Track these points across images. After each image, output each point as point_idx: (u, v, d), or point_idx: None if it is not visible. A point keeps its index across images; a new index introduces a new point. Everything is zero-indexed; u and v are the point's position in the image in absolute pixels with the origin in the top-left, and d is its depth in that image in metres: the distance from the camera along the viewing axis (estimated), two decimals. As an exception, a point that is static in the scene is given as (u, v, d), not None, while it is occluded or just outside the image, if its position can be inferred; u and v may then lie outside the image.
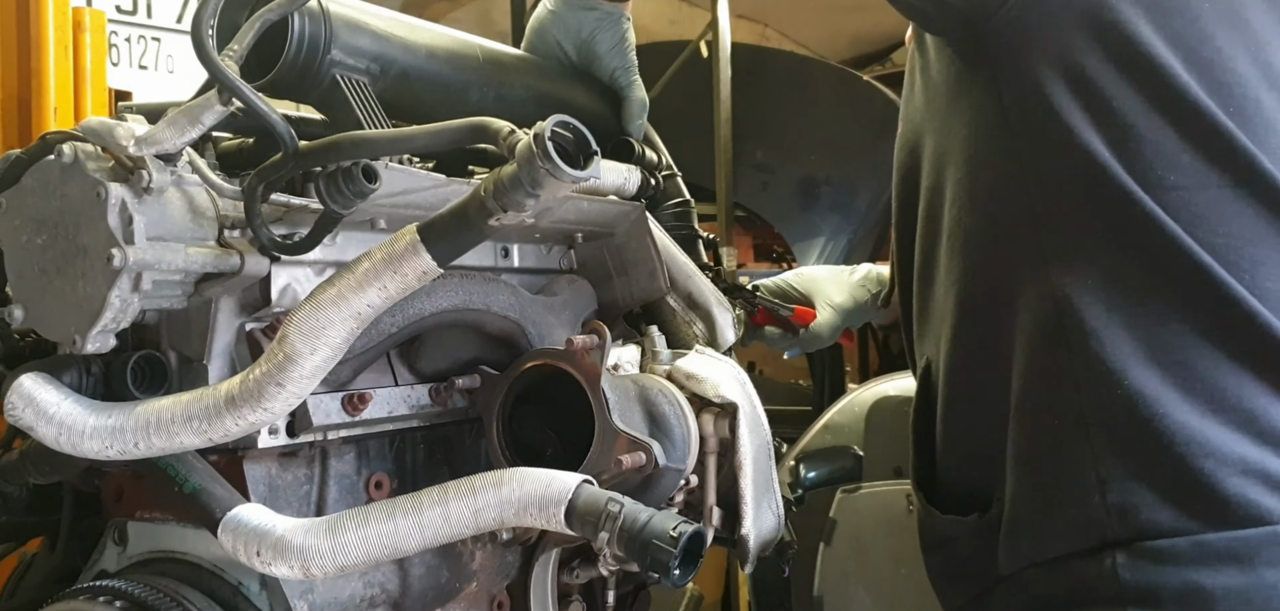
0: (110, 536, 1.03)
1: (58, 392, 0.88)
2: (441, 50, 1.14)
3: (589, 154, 0.81)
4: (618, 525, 0.84)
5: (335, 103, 1.00)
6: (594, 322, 1.05)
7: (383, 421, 1.03)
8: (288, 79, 0.98)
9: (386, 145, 0.88)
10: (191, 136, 0.85)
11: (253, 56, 0.95)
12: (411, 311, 1.02)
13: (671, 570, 0.83)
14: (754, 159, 3.63)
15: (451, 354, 1.09)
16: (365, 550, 0.86)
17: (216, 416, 0.85)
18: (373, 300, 0.84)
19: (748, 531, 1.13)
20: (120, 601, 0.92)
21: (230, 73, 0.82)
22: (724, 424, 1.13)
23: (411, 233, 0.84)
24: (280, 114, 0.86)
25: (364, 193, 0.86)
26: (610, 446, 1.00)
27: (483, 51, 1.19)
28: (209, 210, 0.90)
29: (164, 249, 0.86)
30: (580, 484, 0.86)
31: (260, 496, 0.95)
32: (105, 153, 0.87)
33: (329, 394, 0.97)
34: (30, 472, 1.00)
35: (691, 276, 1.26)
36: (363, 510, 0.88)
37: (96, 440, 0.87)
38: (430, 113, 1.09)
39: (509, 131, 0.82)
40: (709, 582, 3.15)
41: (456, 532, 0.88)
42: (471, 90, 1.16)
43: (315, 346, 0.84)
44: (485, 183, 0.82)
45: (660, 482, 1.07)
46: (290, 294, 0.95)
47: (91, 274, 0.86)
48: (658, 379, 1.14)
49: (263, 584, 0.96)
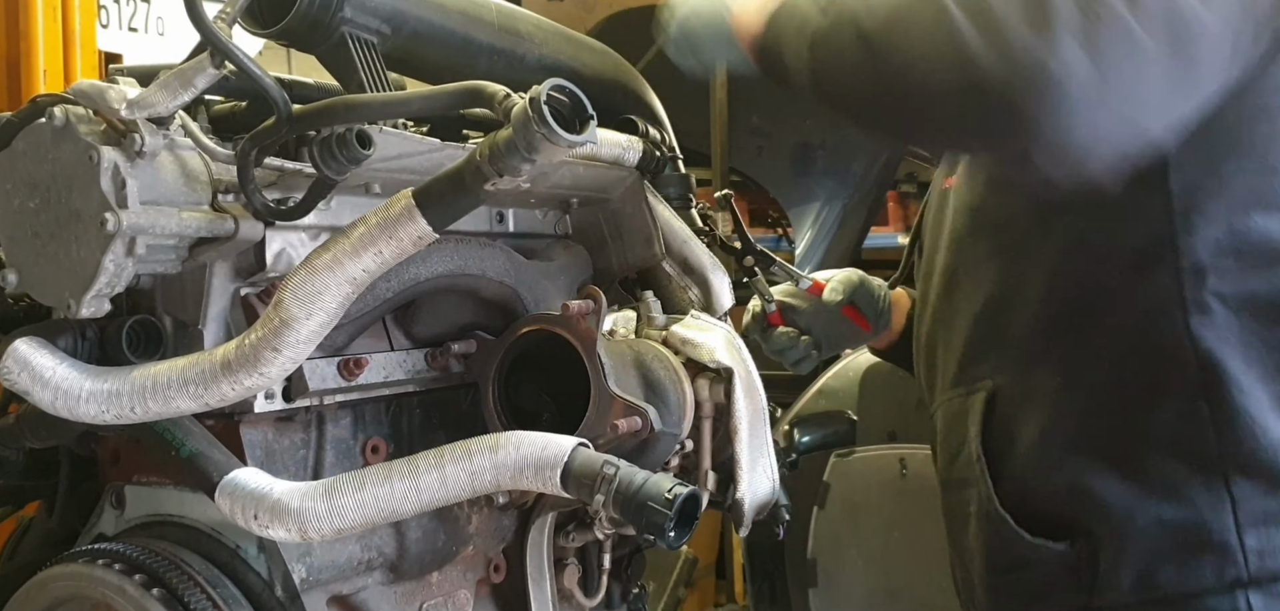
0: (108, 500, 1.03)
1: (53, 357, 0.88)
2: (455, 12, 1.13)
3: (585, 119, 0.81)
4: (613, 488, 0.84)
5: (341, 60, 0.99)
6: (590, 288, 1.05)
7: (379, 386, 1.03)
8: (299, 29, 0.97)
9: (381, 109, 0.87)
10: (184, 100, 0.85)
11: (266, 4, 0.94)
12: (407, 276, 1.01)
13: (666, 532, 0.83)
14: (750, 124, 3.61)
15: (447, 319, 1.09)
16: (362, 513, 0.87)
17: (213, 381, 0.85)
18: (368, 265, 0.84)
19: (743, 495, 1.14)
20: (119, 564, 0.92)
21: (223, 35, 0.82)
22: (719, 388, 1.13)
23: (407, 197, 0.84)
24: (273, 78, 0.86)
25: (358, 158, 0.85)
26: (606, 411, 1.01)
27: (497, 14, 1.18)
28: (202, 174, 0.90)
29: (157, 213, 0.85)
30: (576, 447, 0.86)
31: (257, 460, 0.96)
32: (97, 116, 0.87)
33: (325, 359, 0.97)
34: (27, 436, 1.00)
35: (687, 241, 1.26)
36: (359, 473, 0.89)
37: (93, 404, 0.87)
38: (440, 75, 1.08)
39: (504, 95, 0.81)
40: (703, 546, 3.17)
41: (453, 495, 0.88)
42: (483, 55, 1.15)
43: (311, 311, 0.84)
44: (481, 147, 0.82)
45: (656, 447, 1.08)
46: (285, 258, 0.94)
47: (85, 238, 0.85)
48: (653, 344, 1.14)
49: (260, 547, 0.96)
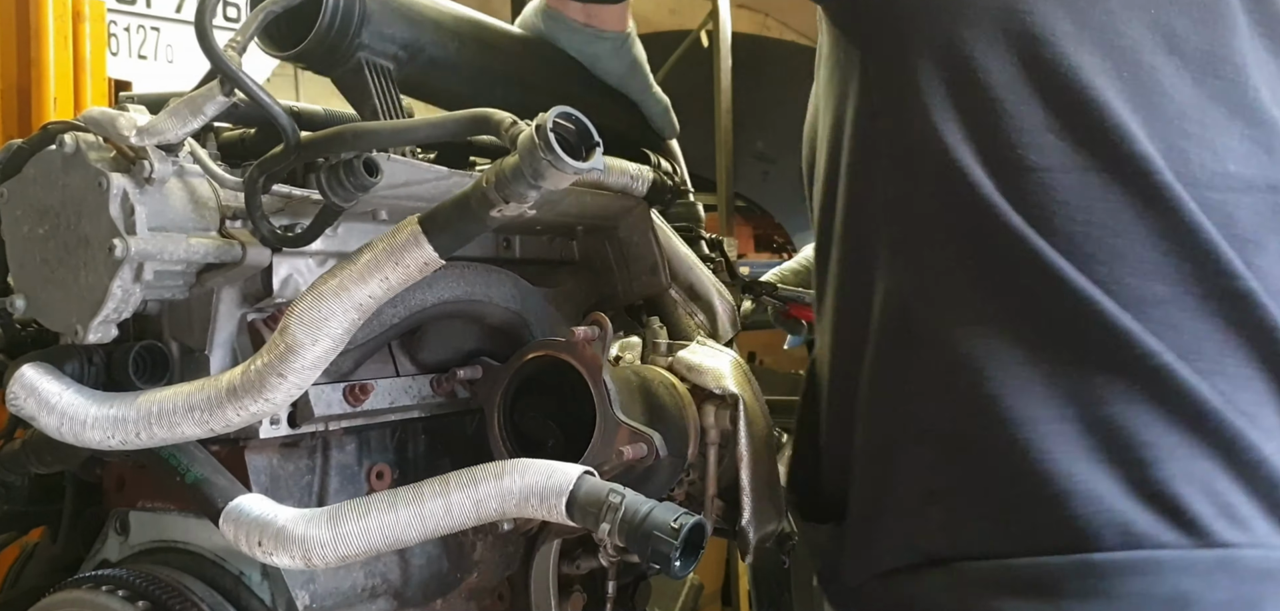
0: (112, 526, 1.03)
1: (60, 383, 0.88)
2: (472, 41, 1.13)
3: (591, 145, 0.81)
4: (619, 516, 0.84)
5: (356, 86, 1.00)
6: (596, 314, 1.05)
7: (384, 412, 1.03)
8: (315, 53, 0.98)
9: (388, 137, 0.87)
10: (193, 127, 0.85)
11: (284, 26, 0.95)
12: (413, 302, 1.02)
13: (673, 561, 0.83)
14: (754, 149, 3.63)
15: (453, 345, 1.09)
16: (367, 540, 0.87)
17: (218, 407, 0.85)
18: (375, 291, 0.84)
19: (748, 523, 1.13)
20: (123, 590, 0.92)
21: (232, 63, 0.82)
22: (725, 415, 1.13)
23: (413, 224, 0.84)
24: (282, 106, 0.86)
25: (365, 186, 0.86)
26: (612, 437, 1.00)
27: (516, 43, 1.19)
28: (211, 200, 0.90)
29: (166, 239, 0.86)
30: (581, 475, 0.86)
31: (262, 486, 0.96)
32: (107, 143, 0.87)
33: (330, 384, 0.97)
34: (32, 462, 1.00)
35: (692, 268, 1.26)
36: (364, 500, 0.88)
37: (99, 430, 0.87)
38: (455, 103, 1.09)
39: (511, 122, 0.82)
40: (709, 572, 3.15)
41: (458, 523, 0.88)
42: (498, 85, 1.16)
43: (317, 337, 0.84)
44: (487, 174, 0.82)
45: (662, 474, 1.08)
46: (292, 285, 0.95)
47: (93, 264, 0.86)
48: (659, 371, 1.14)
49: (264, 573, 0.96)
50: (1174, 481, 0.78)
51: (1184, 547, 0.76)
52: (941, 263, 0.88)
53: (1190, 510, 0.77)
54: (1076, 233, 0.83)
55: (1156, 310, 0.81)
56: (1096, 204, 0.83)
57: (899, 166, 0.91)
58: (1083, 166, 0.84)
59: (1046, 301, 0.83)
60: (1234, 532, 0.77)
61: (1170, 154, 0.84)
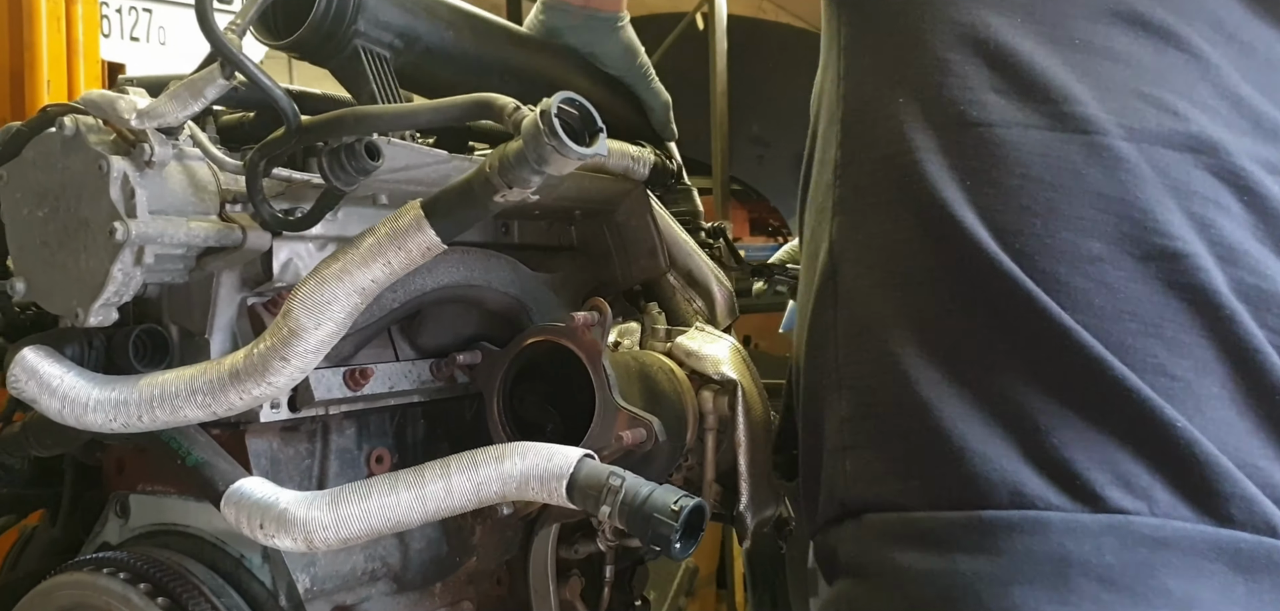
0: (112, 509, 1.03)
1: (60, 365, 0.88)
2: (469, 32, 1.13)
3: (594, 131, 0.81)
4: (619, 499, 0.84)
5: (352, 73, 0.99)
6: (595, 299, 1.05)
7: (384, 396, 1.03)
8: (311, 41, 0.97)
9: (390, 121, 0.87)
10: (194, 110, 0.85)
11: (280, 14, 0.94)
12: (413, 287, 1.02)
13: (673, 544, 0.83)
14: (750, 132, 3.63)
15: (452, 329, 1.10)
16: (368, 522, 0.87)
17: (221, 390, 0.85)
18: (377, 276, 0.85)
19: (746, 508, 1.14)
20: (123, 573, 0.92)
21: (233, 46, 0.82)
22: (723, 401, 1.13)
23: (415, 208, 0.84)
24: (283, 89, 0.86)
25: (367, 169, 0.86)
26: (611, 422, 1.01)
27: (513, 36, 1.19)
28: (211, 184, 0.90)
29: (166, 222, 0.86)
30: (582, 458, 0.87)
31: (262, 470, 0.96)
32: (107, 126, 0.87)
33: (331, 369, 0.98)
34: (32, 445, 1.00)
35: (691, 254, 1.26)
36: (365, 483, 0.89)
37: (100, 413, 0.87)
38: (451, 93, 1.09)
39: (514, 108, 0.82)
40: (704, 556, 3.17)
41: (458, 506, 0.89)
42: (494, 74, 1.15)
43: (319, 321, 0.84)
44: (490, 159, 0.82)
45: (660, 459, 1.08)
46: (292, 269, 0.95)
47: (93, 247, 0.86)
48: (658, 356, 1.15)
49: (265, 556, 0.96)
50: (1066, 447, 0.78)
51: (1072, 511, 0.77)
52: (869, 222, 0.89)
53: (1082, 476, 0.77)
54: (1013, 185, 0.82)
55: (1092, 267, 0.80)
56: (1035, 158, 0.83)
57: (849, 129, 0.93)
58: (1024, 123, 0.84)
59: (958, 268, 0.83)
60: (1129, 500, 0.77)
61: (1123, 113, 0.84)
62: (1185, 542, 0.76)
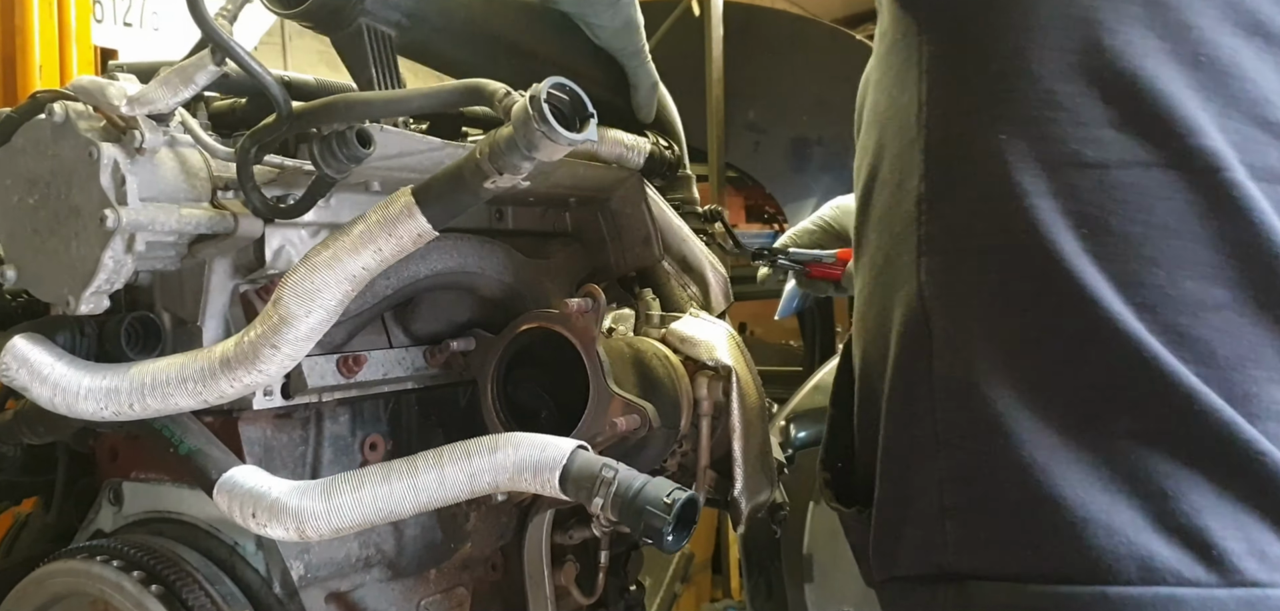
0: (106, 496, 1.03)
1: (52, 353, 0.88)
2: (479, 12, 1.12)
3: (585, 117, 0.81)
4: (612, 491, 0.84)
5: (354, 51, 0.99)
6: (589, 285, 1.05)
7: (377, 383, 1.03)
8: (319, 12, 0.96)
9: (381, 107, 0.87)
10: (184, 96, 0.85)
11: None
12: (406, 274, 1.01)
13: (665, 537, 0.83)
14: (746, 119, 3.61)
15: (446, 316, 1.09)
16: (360, 512, 0.87)
17: (212, 378, 0.85)
18: (368, 262, 0.84)
19: (741, 493, 1.14)
20: (117, 560, 0.92)
21: (224, 32, 0.81)
22: (718, 386, 1.13)
23: (406, 195, 0.84)
24: (274, 75, 0.85)
25: (358, 157, 0.85)
26: (605, 409, 1.01)
27: (520, 12, 1.17)
28: (202, 171, 0.90)
29: (157, 210, 0.85)
30: (575, 450, 0.87)
31: (256, 457, 0.96)
32: (97, 112, 0.86)
33: (324, 356, 0.97)
34: (25, 432, 1.00)
35: (686, 240, 1.26)
36: (358, 473, 0.89)
37: (92, 401, 0.87)
38: (459, 70, 1.08)
39: (505, 93, 0.81)
40: (700, 542, 3.17)
41: (451, 496, 0.88)
42: (501, 54, 1.15)
43: (310, 308, 0.84)
44: (481, 145, 0.82)
45: (654, 445, 1.08)
46: (284, 255, 0.94)
47: (84, 234, 0.85)
48: (652, 342, 1.14)
49: (259, 544, 0.96)
50: (1198, 515, 0.74)
51: (1209, 586, 0.72)
52: (968, 268, 0.83)
53: (1218, 545, 0.73)
54: (1134, 233, 0.77)
55: (1215, 316, 0.77)
56: (1159, 203, 0.78)
57: (937, 160, 0.86)
58: (1144, 162, 0.78)
59: (1074, 324, 0.78)
60: (1264, 572, 0.73)
61: (1245, 148, 0.79)
62: None
